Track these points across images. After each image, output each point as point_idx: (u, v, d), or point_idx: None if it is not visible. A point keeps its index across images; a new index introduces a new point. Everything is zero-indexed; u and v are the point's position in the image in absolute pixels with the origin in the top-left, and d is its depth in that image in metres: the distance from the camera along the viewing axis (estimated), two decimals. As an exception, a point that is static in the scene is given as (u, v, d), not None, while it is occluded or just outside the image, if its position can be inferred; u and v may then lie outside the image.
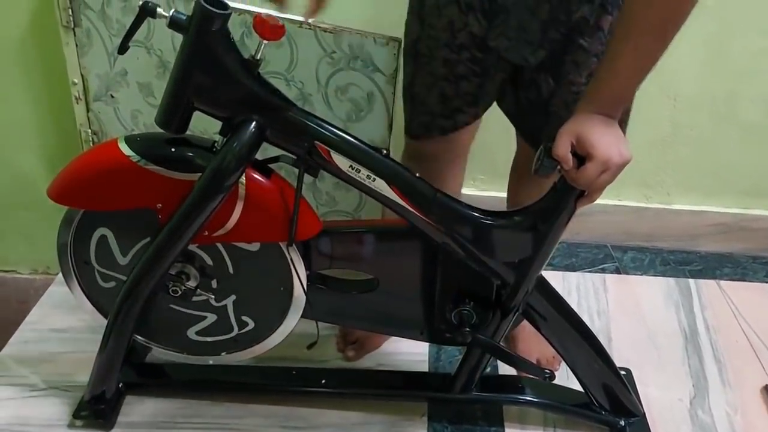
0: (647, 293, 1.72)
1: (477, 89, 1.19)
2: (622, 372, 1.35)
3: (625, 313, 1.65)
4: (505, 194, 1.50)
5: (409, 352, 1.47)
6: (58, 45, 1.49)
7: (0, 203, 1.73)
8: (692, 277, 1.79)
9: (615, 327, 1.60)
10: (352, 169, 1.03)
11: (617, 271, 1.80)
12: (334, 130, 1.03)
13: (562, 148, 0.96)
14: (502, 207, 1.46)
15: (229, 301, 1.18)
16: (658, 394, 1.43)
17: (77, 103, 1.56)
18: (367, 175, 1.04)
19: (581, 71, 1.11)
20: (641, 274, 1.80)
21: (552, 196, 1.06)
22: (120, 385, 1.27)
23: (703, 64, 1.62)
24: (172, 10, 0.93)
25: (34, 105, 1.61)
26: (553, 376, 1.21)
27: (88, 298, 1.21)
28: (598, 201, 1.80)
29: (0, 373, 1.38)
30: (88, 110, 1.57)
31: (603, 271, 1.80)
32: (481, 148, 1.69)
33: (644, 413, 1.32)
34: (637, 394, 1.38)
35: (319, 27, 1.37)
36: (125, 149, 1.03)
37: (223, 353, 1.25)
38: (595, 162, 0.94)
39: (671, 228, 1.86)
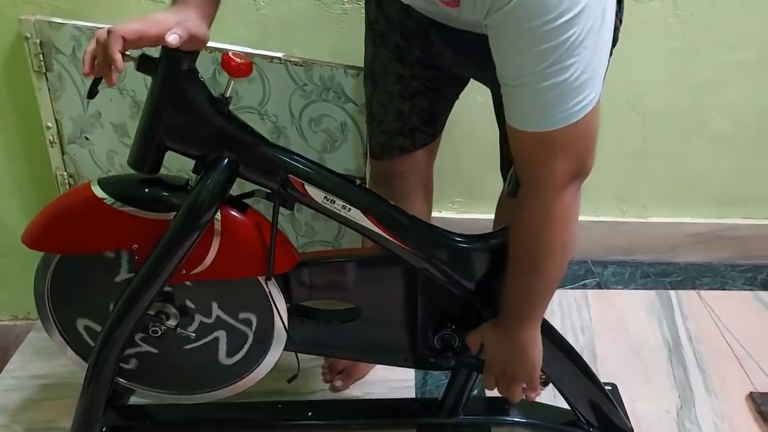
0: (629, 307, 1.73)
1: (432, 105, 1.21)
2: (608, 387, 1.35)
3: (608, 327, 1.66)
4: (482, 216, 1.52)
5: (396, 379, 1.46)
6: (31, 90, 1.49)
7: (-23, 250, 1.72)
8: (672, 289, 1.80)
9: (599, 342, 1.61)
10: (327, 200, 1.04)
11: (599, 286, 1.82)
12: (307, 162, 1.04)
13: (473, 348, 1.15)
14: (481, 229, 1.47)
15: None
16: (646, 407, 1.43)
17: (52, 146, 1.56)
18: (343, 206, 1.05)
19: None
20: (622, 288, 1.82)
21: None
22: (104, 430, 1.25)
23: (670, 79, 1.66)
24: (140, 53, 0.94)
25: (8, 150, 1.60)
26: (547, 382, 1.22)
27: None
28: (576, 217, 1.83)
29: (-19, 423, 1.36)
30: (63, 153, 1.57)
31: (584, 286, 1.81)
32: (457, 172, 1.72)
33: (632, 428, 1.32)
34: (624, 409, 1.38)
35: (289, 61, 1.39)
36: (99, 192, 1.03)
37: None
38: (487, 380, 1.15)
39: (649, 240, 1.88)
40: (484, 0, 0.81)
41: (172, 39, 0.86)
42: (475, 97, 1.29)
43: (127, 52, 0.95)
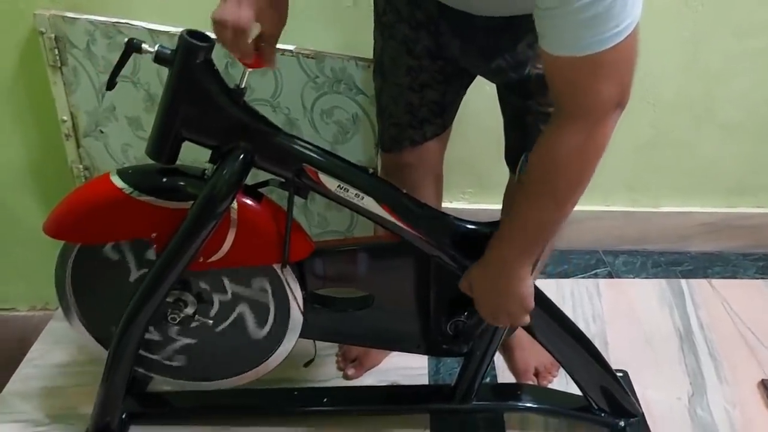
0: (641, 296, 1.74)
1: (441, 97, 1.22)
2: (619, 374, 1.36)
3: (619, 316, 1.66)
4: (493, 206, 1.52)
5: (409, 367, 1.48)
6: (46, 84, 1.51)
7: (-4, 243, 1.75)
8: (684, 278, 1.80)
9: (611, 331, 1.62)
10: (341, 188, 1.06)
11: (610, 276, 1.82)
12: (321, 152, 1.06)
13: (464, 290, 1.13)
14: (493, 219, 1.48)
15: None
16: (657, 394, 1.44)
17: (67, 140, 1.58)
18: (356, 194, 1.06)
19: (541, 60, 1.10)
20: (633, 277, 1.82)
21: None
22: (124, 416, 1.28)
23: (680, 69, 1.66)
24: (157, 45, 0.96)
25: (25, 144, 1.62)
26: None
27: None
28: (587, 207, 1.84)
29: (3, 410, 1.39)
30: (78, 146, 1.59)
31: (596, 276, 1.82)
32: (468, 163, 1.73)
33: (643, 413, 1.33)
34: (635, 395, 1.39)
35: (301, 53, 1.40)
36: (118, 182, 1.05)
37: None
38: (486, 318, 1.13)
39: (660, 230, 1.88)
40: None
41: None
42: (484, 88, 1.30)
43: (144, 45, 0.98)
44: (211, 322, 1.18)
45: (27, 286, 1.80)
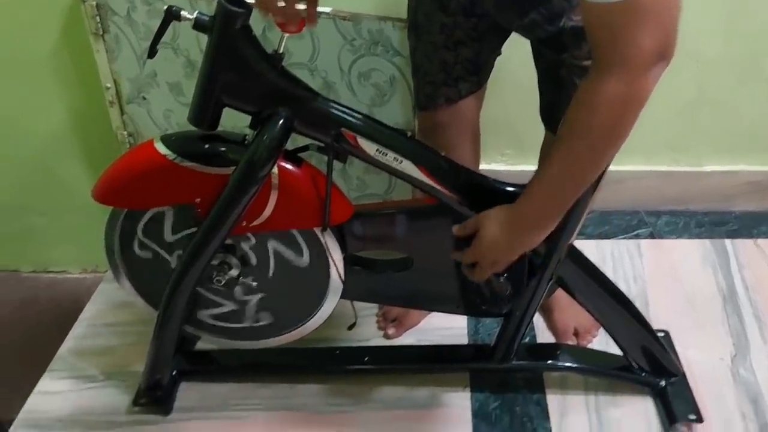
0: (683, 256, 1.71)
1: (476, 55, 1.21)
2: (660, 334, 1.36)
3: (661, 277, 1.65)
4: (532, 167, 1.51)
5: (448, 327, 1.50)
6: (89, 52, 1.54)
7: (47, 208, 1.80)
8: (728, 238, 1.77)
9: (652, 291, 1.60)
10: (379, 152, 1.06)
11: (652, 236, 1.80)
12: (359, 116, 1.06)
13: (462, 231, 1.10)
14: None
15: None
16: (699, 354, 1.43)
17: (111, 106, 1.61)
18: (394, 158, 1.07)
19: (576, 12, 1.07)
20: (676, 238, 1.79)
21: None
22: (174, 373, 1.33)
23: (724, 25, 1.60)
24: (196, 12, 0.97)
25: (71, 112, 1.67)
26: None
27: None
28: (628, 167, 1.81)
29: (60, 367, 1.45)
30: (122, 113, 1.63)
31: (637, 236, 1.80)
32: (506, 123, 1.71)
33: (684, 373, 1.33)
34: (676, 354, 1.39)
35: (337, 16, 1.40)
36: (161, 148, 1.07)
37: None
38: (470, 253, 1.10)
39: (703, 190, 1.85)
40: None
41: None
42: (522, 47, 1.28)
43: (183, 12, 0.99)
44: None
45: (78, 250, 1.86)
